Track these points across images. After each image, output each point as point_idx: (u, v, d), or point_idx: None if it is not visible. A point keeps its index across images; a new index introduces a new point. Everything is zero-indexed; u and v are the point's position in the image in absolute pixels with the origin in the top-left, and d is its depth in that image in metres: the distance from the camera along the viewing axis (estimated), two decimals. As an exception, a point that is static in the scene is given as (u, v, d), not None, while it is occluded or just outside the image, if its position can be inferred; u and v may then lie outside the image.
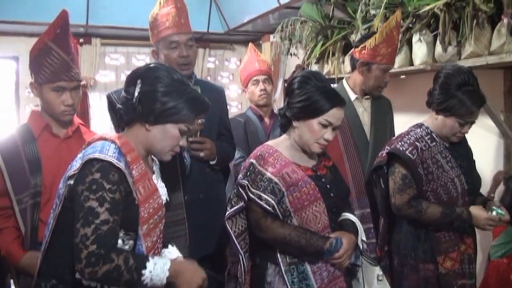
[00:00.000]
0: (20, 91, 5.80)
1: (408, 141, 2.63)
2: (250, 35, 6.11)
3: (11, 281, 2.57)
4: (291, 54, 4.53)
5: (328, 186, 2.33)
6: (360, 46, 3.04)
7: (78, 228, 1.73)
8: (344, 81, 3.21)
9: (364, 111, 3.15)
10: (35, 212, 2.40)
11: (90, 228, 1.72)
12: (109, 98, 2.81)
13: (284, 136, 2.40)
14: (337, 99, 2.25)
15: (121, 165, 1.80)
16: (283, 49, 4.52)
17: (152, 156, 2.11)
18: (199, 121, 2.73)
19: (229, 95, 6.69)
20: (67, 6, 2.52)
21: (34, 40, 2.51)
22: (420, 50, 3.18)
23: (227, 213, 2.32)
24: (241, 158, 3.65)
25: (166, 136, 1.93)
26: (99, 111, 5.74)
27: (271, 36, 5.60)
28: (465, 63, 2.87)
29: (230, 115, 3.82)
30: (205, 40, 6.33)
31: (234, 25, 5.63)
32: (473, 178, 2.70)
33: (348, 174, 2.97)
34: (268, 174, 2.23)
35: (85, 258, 1.70)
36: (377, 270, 2.42)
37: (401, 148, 2.61)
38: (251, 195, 2.23)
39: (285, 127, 2.39)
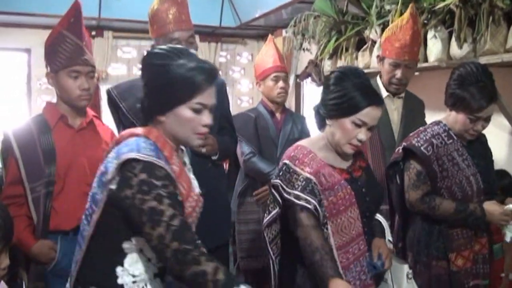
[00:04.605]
0: (32, 83, 5.82)
1: (424, 138, 2.61)
2: (263, 30, 6.09)
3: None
4: (303, 49, 4.51)
5: (363, 190, 2.20)
6: None
7: (148, 232, 1.63)
8: (378, 77, 3.22)
9: (394, 109, 3.16)
10: (47, 201, 2.44)
11: (162, 227, 1.62)
12: (109, 94, 2.81)
13: (318, 135, 2.27)
14: (374, 97, 2.09)
15: (162, 163, 1.70)
16: (296, 44, 4.50)
17: (182, 147, 1.98)
18: None
19: (240, 89, 6.72)
20: (80, -2, 2.54)
21: (46, 32, 2.56)
22: (435, 47, 3.14)
23: (265, 220, 2.22)
24: (251, 154, 3.63)
25: (181, 121, 1.77)
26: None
27: (284, 31, 5.59)
28: (480, 60, 2.84)
29: (241, 110, 3.79)
30: (217, 35, 6.32)
31: (247, 20, 5.61)
32: (490, 177, 2.67)
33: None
34: (306, 174, 2.07)
35: (172, 256, 1.61)
36: (406, 268, 2.35)
37: (416, 144, 2.60)
38: (286, 195, 2.08)
39: (320, 125, 2.26)
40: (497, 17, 2.79)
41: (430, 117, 2.81)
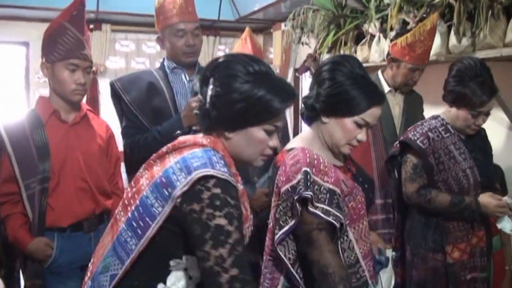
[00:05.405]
0: (30, 76, 5.80)
1: (420, 131, 2.63)
2: (261, 23, 6.08)
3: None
4: (302, 43, 4.49)
5: (366, 186, 2.02)
6: (393, 42, 3.09)
7: (207, 251, 1.45)
8: (379, 72, 3.25)
9: (396, 104, 3.19)
10: (43, 197, 2.42)
11: (225, 249, 1.45)
12: (112, 86, 2.81)
13: (311, 133, 2.02)
14: (378, 96, 1.90)
15: (234, 181, 1.55)
16: (295, 38, 4.49)
17: None
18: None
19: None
20: (79, -9, 2.53)
21: (45, 26, 2.54)
22: (434, 41, 3.14)
23: (277, 237, 1.83)
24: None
25: (251, 142, 1.63)
26: (108, 98, 5.73)
27: (283, 25, 5.57)
28: (479, 54, 2.84)
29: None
30: (216, 28, 6.30)
31: (245, 13, 5.60)
32: (488, 171, 2.68)
33: (373, 164, 3.00)
34: (327, 185, 1.81)
35: (227, 283, 1.43)
36: (390, 252, 2.31)
37: (412, 138, 2.62)
38: (312, 209, 1.75)
39: (311, 120, 2.02)
40: (496, 11, 2.78)
41: (429, 111, 2.81)
